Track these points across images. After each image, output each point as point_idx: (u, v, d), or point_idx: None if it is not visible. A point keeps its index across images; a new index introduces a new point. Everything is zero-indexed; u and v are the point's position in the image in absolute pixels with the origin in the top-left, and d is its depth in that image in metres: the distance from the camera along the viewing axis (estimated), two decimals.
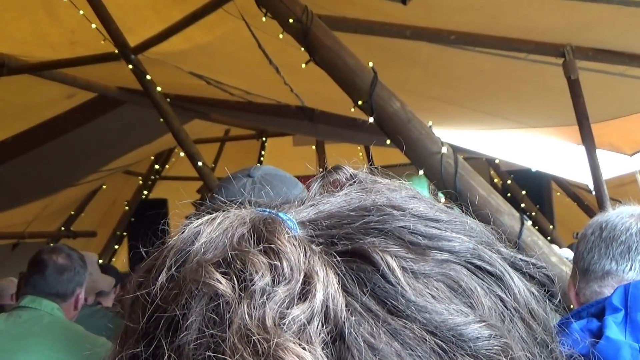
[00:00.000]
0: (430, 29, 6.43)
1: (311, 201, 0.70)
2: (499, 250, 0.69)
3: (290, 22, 4.98)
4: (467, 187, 4.33)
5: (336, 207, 0.68)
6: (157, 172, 14.72)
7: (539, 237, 4.26)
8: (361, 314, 0.58)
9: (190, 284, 0.58)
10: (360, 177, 0.75)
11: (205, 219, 0.65)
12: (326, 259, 0.60)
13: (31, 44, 8.06)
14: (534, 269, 0.72)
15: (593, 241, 2.20)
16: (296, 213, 0.68)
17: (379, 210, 0.66)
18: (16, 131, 9.28)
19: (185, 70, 8.56)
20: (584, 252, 2.22)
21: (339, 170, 0.76)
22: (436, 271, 0.62)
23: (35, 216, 12.20)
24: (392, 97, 4.68)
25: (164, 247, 0.65)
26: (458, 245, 0.65)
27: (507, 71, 7.08)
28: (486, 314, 0.61)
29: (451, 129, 8.82)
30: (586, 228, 2.28)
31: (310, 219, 0.66)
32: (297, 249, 0.59)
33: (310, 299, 0.56)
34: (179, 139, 8.51)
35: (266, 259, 0.58)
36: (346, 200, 0.68)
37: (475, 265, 0.65)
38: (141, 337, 0.60)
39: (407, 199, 0.69)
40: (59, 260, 4.03)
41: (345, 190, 0.71)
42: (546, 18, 5.97)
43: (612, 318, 1.83)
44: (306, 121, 9.86)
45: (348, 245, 0.62)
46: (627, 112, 7.39)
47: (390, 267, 0.60)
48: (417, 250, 0.63)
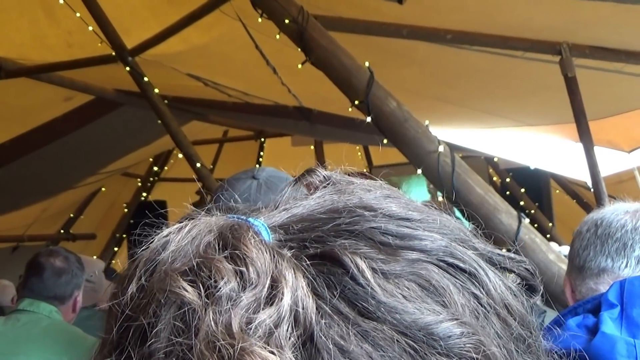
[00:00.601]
0: (426, 28, 6.43)
1: (284, 205, 0.70)
2: (474, 246, 0.69)
3: (286, 22, 4.99)
4: (464, 186, 4.33)
5: (308, 210, 0.67)
6: (156, 173, 14.72)
7: (537, 235, 4.26)
8: (331, 317, 0.57)
9: (157, 293, 0.58)
10: (335, 179, 0.74)
11: (175, 228, 0.64)
12: (295, 263, 0.60)
13: (28, 47, 8.06)
14: (513, 263, 0.72)
15: (588, 238, 2.20)
16: (268, 218, 0.67)
17: (350, 212, 0.65)
18: (14, 134, 9.28)
19: (183, 71, 8.55)
20: (579, 249, 2.22)
21: (313, 173, 0.75)
22: (407, 271, 0.61)
23: (35, 219, 12.20)
24: (388, 96, 4.68)
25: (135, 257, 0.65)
26: (430, 243, 0.64)
27: (504, 69, 7.08)
28: (459, 311, 0.61)
29: (449, 128, 8.82)
30: (581, 225, 2.27)
31: (281, 224, 0.66)
32: (264, 254, 0.59)
33: (277, 302, 0.56)
34: (177, 141, 8.52)
35: (232, 265, 0.58)
36: (319, 202, 0.68)
37: (447, 263, 0.64)
38: (113, 347, 0.61)
39: (380, 199, 0.69)
40: (56, 263, 4.03)
41: (319, 193, 0.70)
42: (542, 16, 5.97)
43: (607, 314, 1.82)
44: (304, 121, 9.85)
45: (319, 249, 0.62)
46: (624, 109, 7.39)
47: (360, 269, 0.59)
48: (388, 250, 0.62)
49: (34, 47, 8.07)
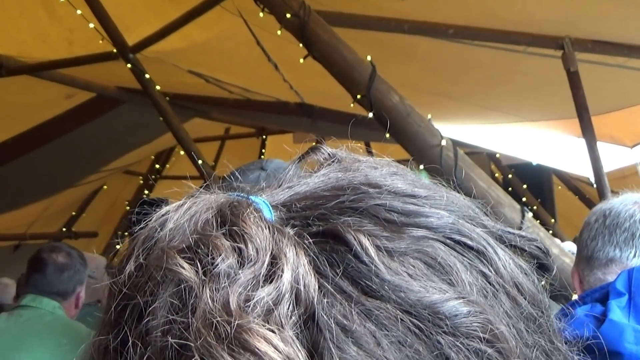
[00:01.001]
0: (428, 23, 6.43)
1: (288, 183, 0.69)
2: (483, 224, 0.68)
3: (288, 17, 4.98)
4: (467, 179, 4.32)
5: (312, 188, 0.67)
6: (158, 171, 14.71)
7: (540, 229, 4.26)
8: (334, 296, 0.56)
9: (154, 271, 0.58)
10: (340, 156, 0.73)
11: (174, 206, 0.64)
12: (297, 241, 0.59)
13: (29, 44, 8.06)
14: (524, 241, 0.70)
15: (597, 229, 2.19)
16: (270, 196, 0.67)
17: (355, 189, 0.64)
18: (16, 132, 9.28)
19: (184, 68, 8.55)
20: (588, 239, 2.21)
21: (317, 151, 0.74)
22: (412, 248, 0.60)
23: (37, 217, 12.21)
24: (390, 90, 4.67)
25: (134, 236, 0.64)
26: (436, 220, 0.63)
27: (505, 64, 7.07)
28: (466, 290, 0.60)
29: (451, 123, 8.81)
30: (589, 216, 2.27)
31: (284, 201, 0.65)
32: (264, 231, 0.58)
33: (276, 280, 0.55)
34: (179, 138, 8.52)
35: (230, 242, 0.57)
36: (323, 180, 0.67)
37: (454, 240, 0.63)
38: (111, 326, 0.60)
39: (386, 176, 0.68)
40: (59, 258, 4.03)
41: (324, 170, 0.70)
42: (544, 10, 5.96)
43: (615, 302, 1.82)
44: (306, 118, 9.85)
45: (322, 226, 0.61)
46: (627, 104, 7.38)
47: (363, 247, 0.59)
48: (392, 227, 0.61)
49: (35, 45, 8.07)
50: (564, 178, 12.29)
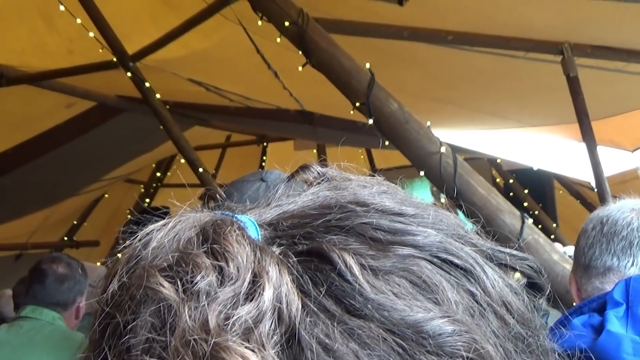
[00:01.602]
0: (427, 29, 6.43)
1: (277, 202, 0.69)
2: (473, 242, 0.67)
3: (286, 25, 4.98)
4: (467, 186, 4.32)
5: (300, 207, 0.66)
6: (159, 179, 14.72)
7: (540, 235, 4.25)
8: (317, 314, 0.56)
9: (135, 290, 0.58)
10: (330, 175, 0.73)
11: (158, 225, 0.64)
12: (281, 259, 0.58)
13: (29, 54, 8.07)
14: (516, 260, 0.70)
15: (594, 236, 2.17)
16: (258, 215, 0.67)
17: (342, 208, 0.64)
18: (16, 142, 9.28)
19: (184, 77, 8.56)
20: (585, 247, 2.19)
21: (307, 170, 0.74)
22: (398, 267, 0.60)
23: (38, 227, 12.20)
24: (389, 98, 4.67)
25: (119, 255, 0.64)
26: (423, 239, 0.63)
27: (505, 70, 7.07)
28: (452, 309, 0.60)
29: (451, 129, 8.81)
30: (587, 222, 2.25)
31: (272, 220, 0.65)
32: (246, 249, 0.58)
33: (256, 298, 0.55)
34: (179, 146, 8.52)
35: (211, 260, 0.57)
36: (312, 199, 0.67)
37: (441, 258, 0.63)
38: (94, 345, 0.60)
39: (375, 194, 0.68)
40: (59, 269, 4.03)
41: (313, 189, 0.70)
42: (543, 16, 5.96)
43: (613, 312, 1.81)
44: (306, 125, 9.85)
45: (307, 245, 0.61)
46: (627, 108, 7.38)
47: (347, 265, 0.58)
48: (378, 246, 0.61)
49: (34, 54, 8.08)
50: (565, 182, 12.30)
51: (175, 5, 7.52)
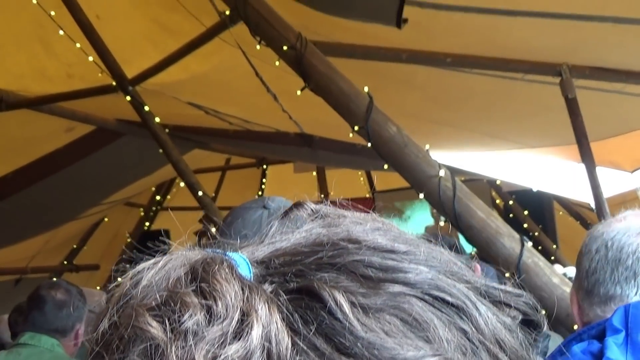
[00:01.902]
0: (426, 52, 6.44)
1: (270, 239, 0.69)
2: (466, 279, 0.67)
3: (285, 49, 4.99)
4: (466, 210, 4.31)
5: (293, 244, 0.66)
6: (159, 203, 14.72)
7: (540, 259, 4.23)
8: (306, 353, 0.56)
9: (124, 329, 0.57)
10: (323, 212, 0.72)
11: (150, 263, 0.63)
12: (271, 297, 0.58)
13: (29, 78, 8.09)
14: (510, 297, 0.70)
15: (598, 261, 2.12)
16: (251, 253, 0.66)
17: (334, 245, 0.64)
18: (16, 166, 9.29)
19: (184, 100, 8.57)
20: (588, 270, 2.14)
21: (301, 207, 0.74)
22: (389, 304, 0.59)
23: (38, 251, 12.19)
24: (388, 121, 4.68)
25: (111, 293, 0.64)
26: (414, 276, 0.63)
27: (504, 92, 7.08)
28: (443, 346, 0.59)
29: (451, 151, 8.81)
30: (590, 241, 2.16)
31: (264, 258, 0.65)
32: (235, 288, 0.57)
33: (245, 337, 0.54)
34: (179, 170, 8.53)
35: (199, 299, 0.57)
36: (305, 236, 0.67)
37: (433, 296, 0.62)
38: None
39: (369, 231, 0.67)
40: (57, 295, 4.02)
41: (306, 227, 0.69)
42: (541, 38, 5.97)
43: (612, 339, 1.79)
44: (306, 148, 9.86)
45: (298, 283, 0.61)
46: (626, 129, 7.38)
47: (338, 303, 0.58)
48: (369, 283, 0.61)
49: (34, 79, 8.10)
50: (565, 204, 12.29)
51: (174, 29, 7.54)
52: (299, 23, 5.80)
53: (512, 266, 4.13)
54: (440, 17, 5.65)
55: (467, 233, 4.30)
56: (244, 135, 9.99)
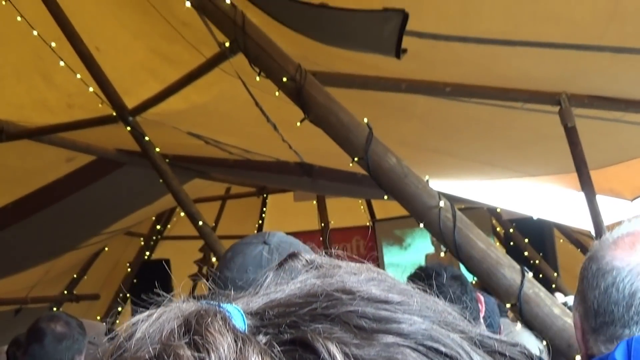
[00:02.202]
0: (425, 81, 6.46)
1: (264, 290, 0.69)
2: (461, 329, 0.67)
3: (284, 80, 5.01)
4: (466, 240, 4.31)
5: (287, 295, 0.66)
6: (159, 232, 14.72)
7: (541, 289, 4.23)
8: None
9: None
10: (318, 263, 0.72)
11: (144, 315, 0.64)
12: (264, 349, 0.58)
13: (29, 109, 8.12)
14: (505, 346, 0.70)
15: (606, 301, 1.99)
16: (245, 304, 0.66)
17: (328, 296, 0.64)
18: (16, 196, 9.30)
19: (184, 130, 8.59)
20: (596, 310, 2.01)
21: (295, 258, 0.74)
22: (382, 355, 0.59)
23: (38, 281, 12.17)
24: (387, 152, 4.68)
25: (107, 344, 0.64)
26: (408, 326, 0.63)
27: (503, 121, 7.09)
28: None
29: (451, 179, 8.82)
30: (597, 274, 2.00)
31: (259, 309, 0.65)
32: (228, 340, 0.57)
33: None
34: (179, 200, 8.52)
35: (192, 351, 0.57)
36: (299, 287, 0.67)
37: (426, 346, 0.62)
38: None
39: (363, 282, 0.67)
40: (57, 328, 4.01)
41: (301, 277, 0.69)
42: (540, 67, 5.99)
43: None
44: (306, 177, 9.87)
45: (292, 334, 0.61)
46: (625, 157, 7.40)
47: (331, 354, 0.58)
48: (363, 334, 0.61)
49: (34, 109, 8.13)
50: (566, 231, 12.29)
51: (174, 60, 7.57)
52: (298, 53, 5.82)
53: (512, 297, 4.13)
54: (439, 47, 5.67)
55: (468, 264, 4.30)
56: (244, 164, 10.00)
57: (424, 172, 5.57)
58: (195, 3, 5.40)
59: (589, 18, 4.90)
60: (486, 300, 4.02)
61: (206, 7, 5.41)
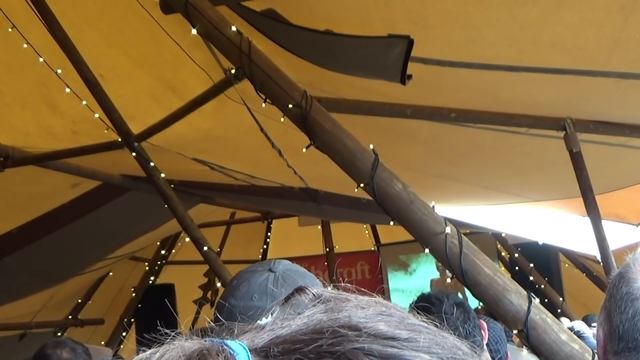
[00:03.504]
0: (430, 107, 6.47)
1: (270, 326, 0.69)
2: None
3: (290, 107, 5.01)
4: (472, 266, 4.30)
5: (292, 331, 0.66)
6: (164, 257, 14.72)
7: (548, 315, 4.21)
8: None
9: None
10: (326, 297, 0.72)
11: (147, 354, 0.64)
12: None
13: (34, 135, 8.14)
14: None
15: (632, 328, 1.91)
16: (251, 340, 0.66)
17: (334, 333, 0.64)
18: (21, 222, 9.31)
19: (189, 156, 8.61)
20: (619, 331, 1.95)
21: (302, 292, 0.74)
22: None
23: (42, 306, 12.16)
24: (393, 178, 4.68)
25: None
26: None
27: (508, 146, 7.10)
28: None
29: (456, 205, 8.82)
30: (625, 297, 1.92)
31: (264, 346, 0.65)
32: None
33: None
34: (184, 225, 8.52)
35: None
36: (305, 322, 0.67)
37: None
38: None
39: (371, 317, 0.67)
40: (63, 354, 4.01)
41: (307, 312, 0.69)
42: (545, 93, 6.00)
43: None
44: (310, 202, 9.88)
45: None
46: (631, 182, 7.40)
47: None
48: None
49: (40, 136, 8.15)
50: (571, 256, 12.27)
51: (177, 87, 7.60)
52: (304, 80, 5.84)
53: (519, 323, 4.11)
54: (444, 73, 5.68)
55: (474, 290, 4.28)
56: (248, 190, 10.01)
57: (429, 197, 5.56)
58: (201, 30, 5.41)
59: (594, 44, 4.91)
60: (492, 327, 4.01)
61: (212, 34, 5.42)
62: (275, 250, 14.83)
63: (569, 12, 4.61)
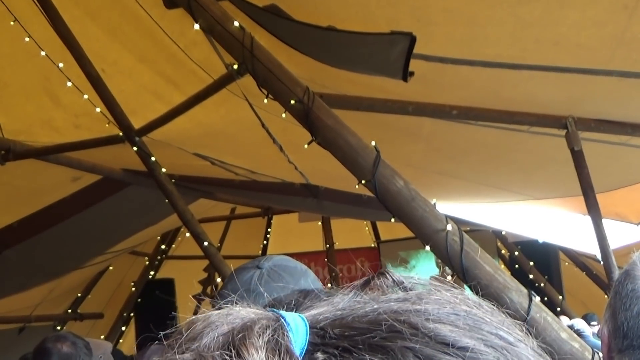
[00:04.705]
0: (432, 104, 6.46)
1: (340, 304, 0.66)
2: None
3: (292, 103, 5.01)
4: (473, 264, 4.30)
5: (353, 317, 0.63)
6: (164, 252, 14.72)
7: (548, 313, 4.21)
8: None
9: None
10: (407, 285, 0.69)
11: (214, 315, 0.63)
12: None
13: (36, 128, 8.14)
14: None
15: (636, 325, 1.90)
16: (315, 316, 0.64)
17: (390, 327, 0.60)
18: (22, 215, 9.30)
19: (190, 151, 8.60)
20: (623, 329, 1.96)
21: (383, 276, 0.71)
22: None
23: (42, 299, 12.16)
24: (395, 175, 4.67)
25: None
26: None
27: (510, 144, 7.09)
28: None
29: (457, 202, 8.81)
30: (631, 294, 1.88)
31: (324, 325, 0.62)
32: (262, 356, 0.57)
33: None
34: (185, 220, 8.52)
35: None
36: (375, 309, 0.63)
37: None
38: None
39: (441, 316, 0.62)
40: (63, 348, 3.99)
41: (383, 298, 0.66)
42: (547, 91, 6.00)
43: None
44: (311, 198, 9.87)
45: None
46: (632, 181, 7.39)
47: None
48: None
49: (41, 129, 8.15)
50: (571, 254, 12.27)
51: (180, 81, 7.59)
52: (306, 76, 5.83)
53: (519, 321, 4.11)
54: (446, 70, 5.68)
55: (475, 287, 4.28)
56: (249, 185, 10.01)
57: (431, 194, 5.56)
58: (203, 25, 5.41)
59: (596, 43, 4.91)
60: None
61: (214, 29, 5.42)
62: (276, 246, 14.82)
63: (572, 11, 4.61)
